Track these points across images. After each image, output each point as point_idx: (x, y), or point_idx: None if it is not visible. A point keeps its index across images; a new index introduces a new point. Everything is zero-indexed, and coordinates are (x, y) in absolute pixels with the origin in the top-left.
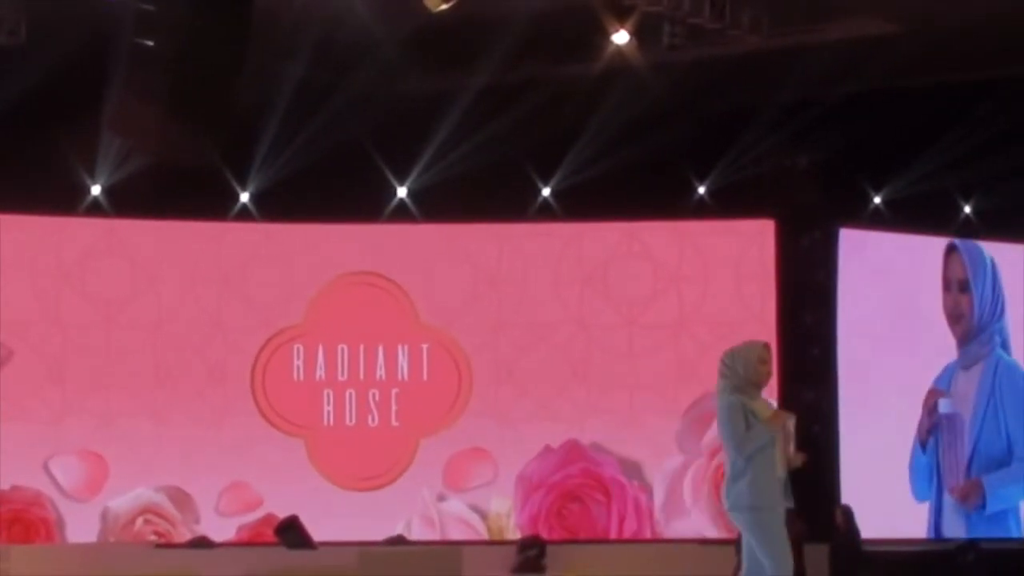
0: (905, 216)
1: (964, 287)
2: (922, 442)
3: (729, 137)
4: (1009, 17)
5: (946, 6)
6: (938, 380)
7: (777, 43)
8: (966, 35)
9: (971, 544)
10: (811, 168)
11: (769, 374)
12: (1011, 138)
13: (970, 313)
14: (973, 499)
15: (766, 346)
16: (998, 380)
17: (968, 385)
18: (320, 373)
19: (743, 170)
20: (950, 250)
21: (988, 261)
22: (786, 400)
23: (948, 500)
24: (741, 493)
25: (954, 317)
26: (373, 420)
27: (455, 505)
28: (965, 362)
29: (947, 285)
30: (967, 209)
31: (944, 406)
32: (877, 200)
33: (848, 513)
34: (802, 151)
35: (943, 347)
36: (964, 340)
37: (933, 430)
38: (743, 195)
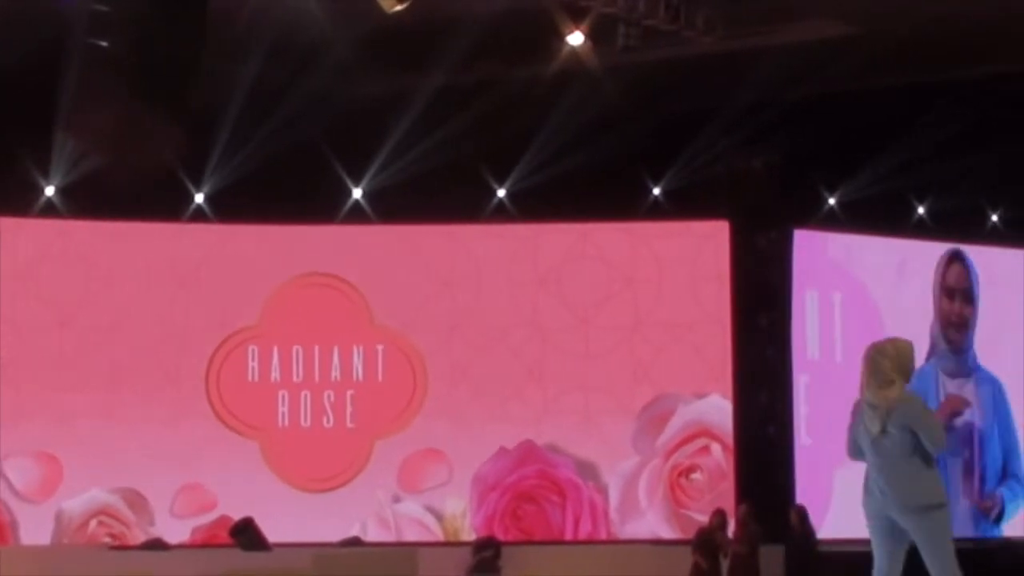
0: (859, 217)
1: (969, 298)
2: None
3: (684, 138)
4: (962, 20)
5: (899, 10)
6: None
7: (732, 45)
8: (920, 38)
9: None
10: (766, 169)
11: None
12: (964, 140)
13: (972, 323)
14: (995, 511)
15: None
16: (996, 399)
17: (964, 395)
18: (275, 374)
19: (698, 171)
20: (954, 259)
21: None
22: (741, 401)
23: (963, 504)
24: (928, 490)
25: (956, 325)
26: (328, 421)
27: (410, 506)
28: (952, 371)
29: (949, 293)
30: (921, 210)
31: (969, 415)
32: (832, 201)
33: (802, 513)
34: (757, 152)
35: None
36: (959, 350)
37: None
38: (698, 196)
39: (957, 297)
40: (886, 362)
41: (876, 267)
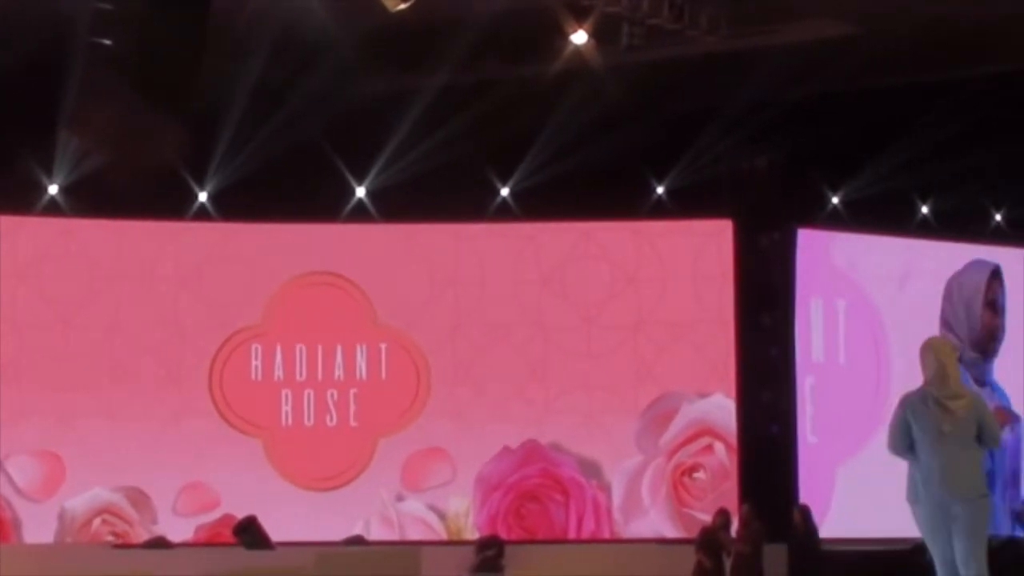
0: (863, 217)
1: (1002, 312)
2: None
3: (687, 138)
4: (962, 20)
5: (899, 9)
6: None
7: (735, 44)
8: (922, 37)
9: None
10: (769, 168)
11: None
12: (966, 140)
13: (1003, 335)
14: None
15: None
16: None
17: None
18: (278, 373)
19: (701, 170)
20: (995, 275)
21: None
22: (744, 400)
23: (1002, 510)
24: (983, 480)
25: (995, 337)
26: (331, 420)
27: (413, 505)
28: (978, 380)
29: (992, 306)
30: (924, 210)
31: (1013, 428)
32: (835, 201)
33: (805, 512)
34: (760, 152)
35: (900, 348)
36: (989, 357)
37: None
38: (701, 195)
39: (999, 310)
40: (955, 356)
41: (879, 273)
